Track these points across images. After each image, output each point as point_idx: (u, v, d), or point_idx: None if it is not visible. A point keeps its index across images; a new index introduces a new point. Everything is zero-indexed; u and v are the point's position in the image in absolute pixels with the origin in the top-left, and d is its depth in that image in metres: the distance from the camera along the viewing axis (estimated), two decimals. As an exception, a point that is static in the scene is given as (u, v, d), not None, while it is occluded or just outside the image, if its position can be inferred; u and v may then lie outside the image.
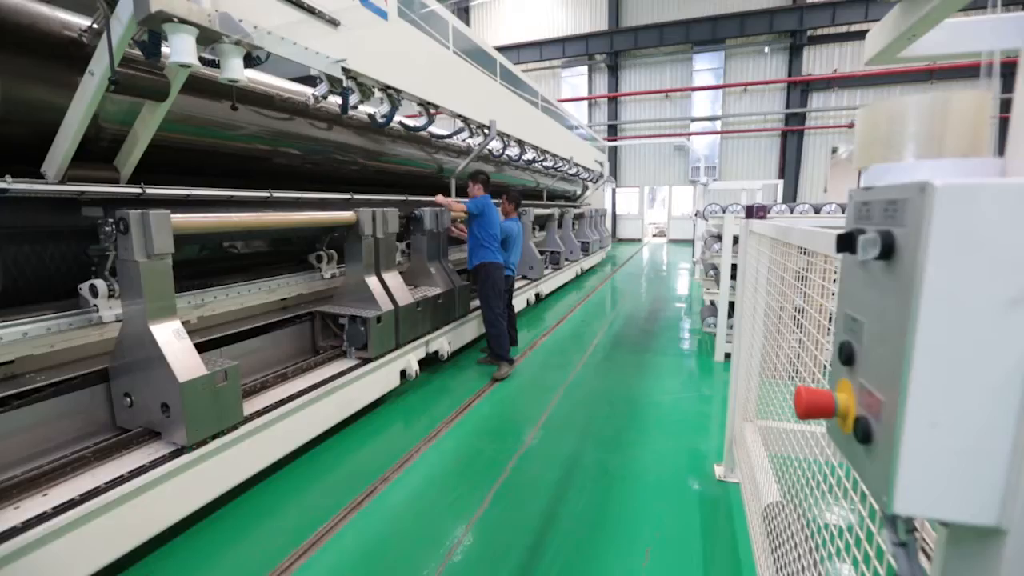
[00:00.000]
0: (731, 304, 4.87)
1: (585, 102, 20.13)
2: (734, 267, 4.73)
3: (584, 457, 3.18)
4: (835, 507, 1.09)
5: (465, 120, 5.24)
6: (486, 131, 5.63)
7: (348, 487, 2.84)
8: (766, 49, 17.47)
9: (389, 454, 3.19)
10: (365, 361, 3.62)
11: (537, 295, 7.69)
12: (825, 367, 1.38)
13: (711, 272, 6.04)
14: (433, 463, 3.12)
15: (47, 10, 2.29)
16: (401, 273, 4.32)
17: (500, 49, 6.89)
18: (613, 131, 20.05)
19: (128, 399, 2.48)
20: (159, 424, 2.41)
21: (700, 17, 17.51)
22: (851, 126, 16.74)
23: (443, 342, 4.65)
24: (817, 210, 5.67)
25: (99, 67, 2.06)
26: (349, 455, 3.21)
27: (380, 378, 3.78)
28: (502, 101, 6.19)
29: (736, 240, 4.70)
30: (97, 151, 2.52)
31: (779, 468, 1.80)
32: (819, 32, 16.75)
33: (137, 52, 2.33)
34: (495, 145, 6.52)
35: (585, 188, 13.17)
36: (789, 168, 17.60)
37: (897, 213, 0.61)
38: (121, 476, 2.14)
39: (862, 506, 0.93)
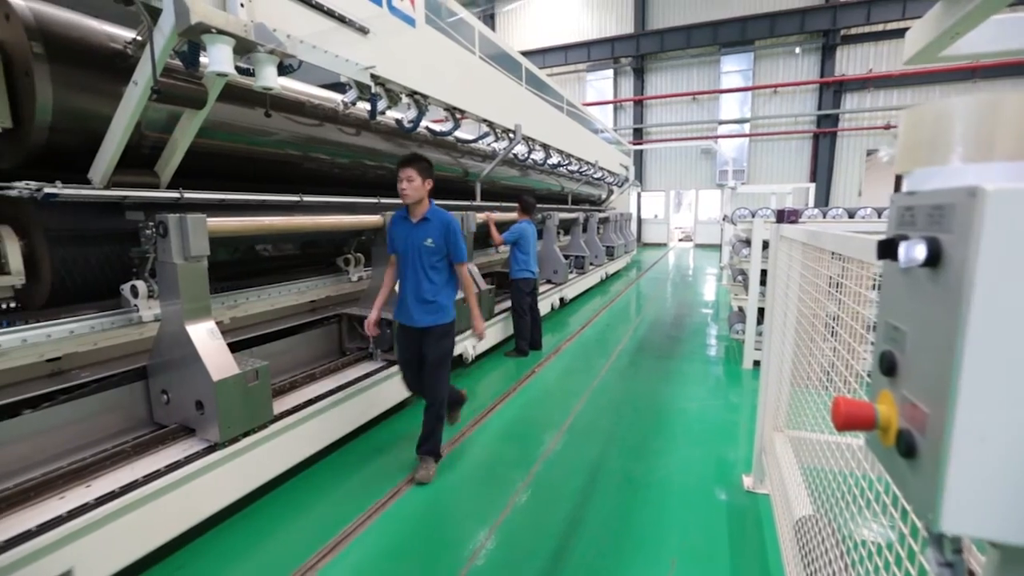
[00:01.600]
0: (760, 310, 4.76)
1: (610, 105, 20.02)
2: (763, 272, 4.63)
3: (608, 463, 3.15)
4: (873, 523, 1.05)
5: (491, 125, 5.27)
6: (511, 135, 5.65)
7: (372, 488, 2.87)
8: (797, 49, 17.08)
9: (413, 455, 3.21)
10: (391, 363, 3.67)
11: (561, 299, 7.66)
12: (861, 376, 1.34)
13: (739, 277, 5.92)
14: (456, 466, 3.14)
15: (95, 24, 2.41)
16: (426, 276, 4.35)
17: (525, 54, 6.93)
18: (639, 134, 19.88)
19: (165, 396, 2.57)
20: (194, 421, 2.49)
21: (729, 18, 17.25)
22: (887, 127, 16.20)
23: (467, 345, 4.67)
24: (851, 214, 5.50)
25: (142, 77, 2.15)
26: (374, 456, 3.25)
27: (405, 380, 3.81)
28: (527, 105, 6.21)
29: (766, 245, 4.60)
30: (139, 157, 2.63)
31: (812, 480, 1.74)
32: (853, 31, 16.29)
33: (177, 62, 2.43)
34: (520, 149, 6.53)
35: (610, 192, 13.08)
36: (821, 171, 17.12)
37: (944, 219, 0.58)
38: (158, 470, 2.21)
39: (903, 523, 0.90)
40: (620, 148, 13.04)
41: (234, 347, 2.95)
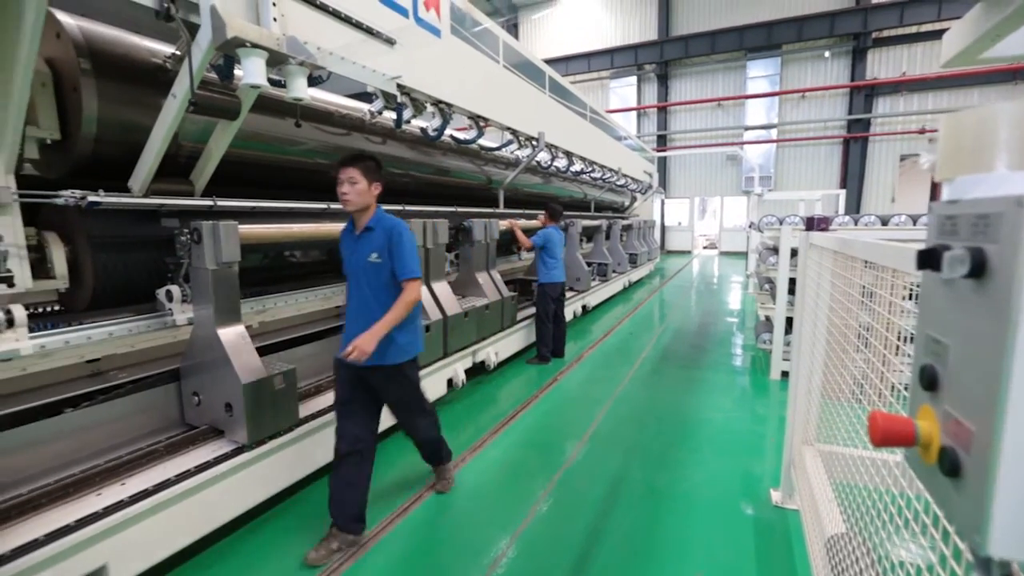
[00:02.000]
0: (788, 319, 4.65)
1: (634, 112, 19.93)
2: (791, 281, 4.53)
3: (631, 474, 3.10)
4: (911, 543, 1.01)
5: (514, 132, 5.30)
6: (534, 143, 5.67)
7: (395, 493, 2.89)
8: (826, 53, 16.73)
9: (435, 462, 3.23)
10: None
11: (584, 307, 7.62)
12: (896, 388, 1.29)
13: (766, 286, 5.79)
14: (478, 473, 3.13)
15: (138, 39, 2.52)
16: (450, 283, 4.39)
17: (549, 61, 6.95)
18: (662, 141, 19.72)
19: (196, 398, 2.64)
20: (223, 422, 2.55)
21: (754, 23, 17.02)
22: (922, 131, 15.69)
23: (490, 352, 4.68)
24: (885, 222, 5.34)
25: (180, 90, 2.24)
26: (396, 461, 3.27)
27: (428, 386, 3.84)
28: (551, 113, 6.23)
29: (794, 253, 4.50)
30: (175, 167, 2.72)
31: (844, 497, 1.68)
32: (885, 34, 15.88)
33: (212, 75, 2.51)
34: (543, 157, 6.55)
35: (633, 199, 12.98)
36: (852, 177, 16.67)
37: (989, 228, 0.56)
38: (188, 470, 2.27)
39: (944, 544, 0.86)
40: (644, 155, 12.95)
41: (262, 351, 3.02)
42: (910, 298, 1.52)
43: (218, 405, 2.54)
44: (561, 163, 7.07)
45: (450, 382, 4.10)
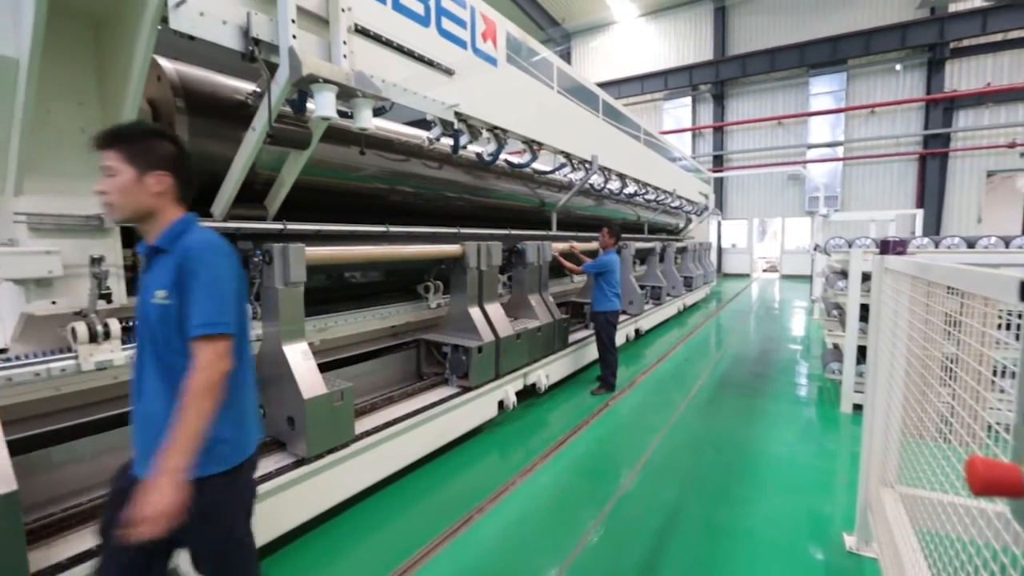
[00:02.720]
0: (860, 348, 4.34)
1: (688, 133, 19.60)
2: (863, 307, 4.24)
3: (687, 507, 2.96)
4: (1017, 605, 0.90)
5: (567, 155, 5.34)
6: (587, 166, 5.69)
7: (445, 513, 2.89)
8: (898, 66, 15.85)
9: (485, 484, 3.22)
10: (465, 389, 3.73)
11: (637, 331, 7.45)
12: (990, 427, 1.17)
13: (834, 312, 5.45)
14: (528, 498, 3.09)
15: (224, 79, 2.77)
16: (502, 304, 4.43)
17: (601, 85, 7.01)
18: (719, 161, 19.22)
19: (262, 410, 2.78)
20: (285, 435, 2.67)
21: (817, 39, 16.43)
22: (1012, 145, 14.44)
23: (541, 375, 4.65)
24: (971, 244, 4.92)
25: (259, 123, 2.42)
26: (447, 482, 3.28)
27: (479, 407, 3.86)
28: (604, 136, 6.24)
29: (865, 277, 4.22)
30: (251, 193, 2.93)
31: (932, 548, 1.53)
32: (965, 43, 14.87)
33: (287, 109, 2.71)
34: (596, 179, 6.55)
35: (688, 221, 12.68)
36: (930, 196, 15.51)
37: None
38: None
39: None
40: (699, 176, 12.67)
41: (321, 368, 3.16)
42: (1005, 328, 1.38)
43: (282, 418, 2.66)
44: (614, 185, 7.04)
45: (501, 404, 4.10)
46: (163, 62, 2.52)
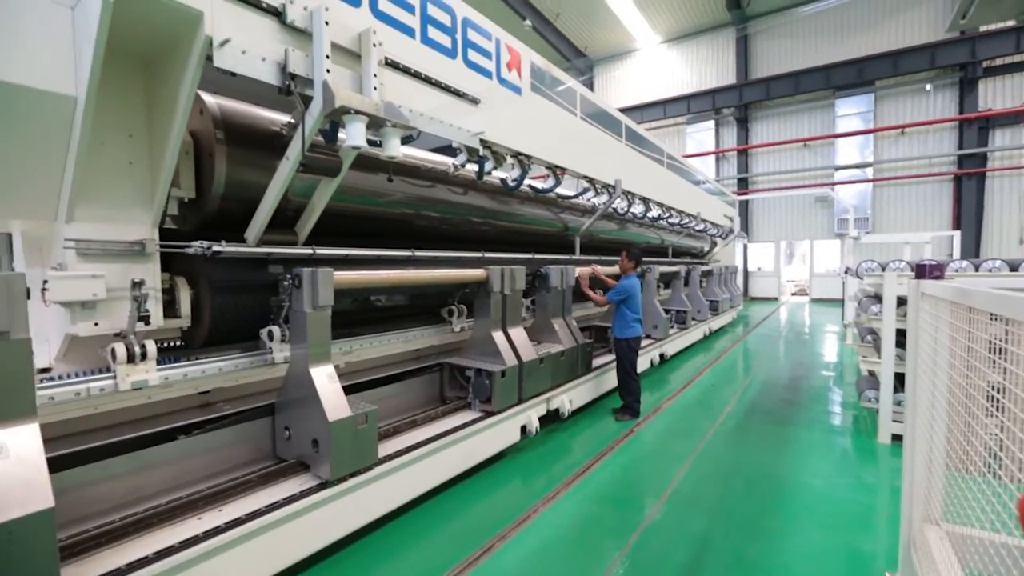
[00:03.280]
0: (897, 375, 4.17)
1: (712, 156, 19.54)
2: (899, 332, 4.09)
3: (717, 540, 2.85)
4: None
5: (591, 180, 5.38)
6: (611, 190, 5.71)
7: (466, 540, 2.85)
8: (928, 86, 15.57)
9: (507, 511, 3.17)
10: (488, 414, 3.71)
11: (662, 355, 7.32)
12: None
13: (868, 337, 5.27)
14: (551, 526, 3.03)
15: (260, 111, 2.90)
16: (526, 328, 4.43)
17: (624, 110, 7.07)
18: (743, 184, 19.05)
19: (287, 432, 2.81)
20: (309, 457, 2.69)
21: (842, 61, 16.33)
22: (1053, 166, 13.92)
23: (564, 400, 4.60)
24: (1014, 267, 4.72)
25: (293, 152, 2.52)
26: (468, 508, 3.24)
27: (502, 432, 3.83)
28: (627, 160, 6.28)
29: (900, 301, 4.08)
30: (283, 219, 3.04)
31: (984, 590, 1.43)
32: (999, 62, 14.54)
33: (319, 138, 2.82)
34: (620, 203, 6.56)
35: (713, 244, 12.54)
36: (967, 217, 14.99)
37: None
38: (276, 502, 2.40)
39: None
40: (724, 199, 12.57)
41: (345, 390, 3.19)
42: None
43: (306, 440, 2.69)
44: (638, 209, 7.04)
45: (524, 429, 4.06)
46: (205, 96, 2.67)
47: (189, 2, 1.96)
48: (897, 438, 4.12)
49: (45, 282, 2.11)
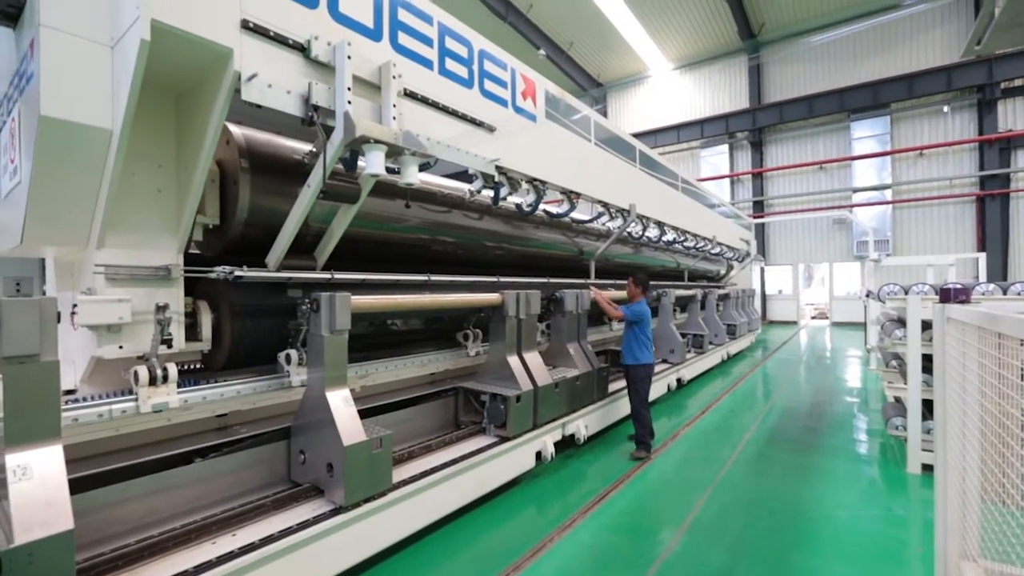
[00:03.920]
0: (925, 402, 4.04)
1: (726, 180, 19.54)
2: (926, 357, 3.97)
3: (739, 575, 2.75)
4: None
5: (605, 205, 5.41)
6: (625, 214, 5.73)
7: (480, 571, 2.79)
8: (945, 108, 15.48)
9: (521, 540, 3.10)
10: (503, 439, 3.68)
11: (679, 380, 7.20)
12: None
13: (893, 363, 5.13)
14: (567, 556, 2.95)
15: (284, 140, 3.00)
16: (541, 353, 4.41)
17: (638, 135, 7.16)
18: (759, 207, 18.96)
19: (302, 456, 2.81)
20: (323, 482, 2.68)
21: (856, 84, 16.36)
22: (1080, 187, 13.62)
23: (580, 425, 4.54)
24: (1043, 291, 4.59)
25: (314, 180, 2.60)
26: (482, 536, 3.18)
27: (517, 458, 3.78)
28: (641, 185, 6.31)
29: (926, 326, 3.98)
30: (302, 245, 3.10)
31: (1027, 633, 1.35)
32: (1017, 83, 14.42)
33: (339, 167, 2.90)
34: (634, 227, 6.57)
35: (730, 267, 12.43)
36: (992, 239, 14.67)
37: None
38: (290, 527, 2.39)
39: None
40: (739, 222, 12.51)
41: (360, 414, 3.19)
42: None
43: (321, 465, 2.68)
44: (652, 233, 7.03)
45: (539, 455, 4.00)
46: (232, 127, 2.77)
47: (220, 40, 2.06)
48: (928, 468, 3.97)
49: (75, 306, 2.18)
